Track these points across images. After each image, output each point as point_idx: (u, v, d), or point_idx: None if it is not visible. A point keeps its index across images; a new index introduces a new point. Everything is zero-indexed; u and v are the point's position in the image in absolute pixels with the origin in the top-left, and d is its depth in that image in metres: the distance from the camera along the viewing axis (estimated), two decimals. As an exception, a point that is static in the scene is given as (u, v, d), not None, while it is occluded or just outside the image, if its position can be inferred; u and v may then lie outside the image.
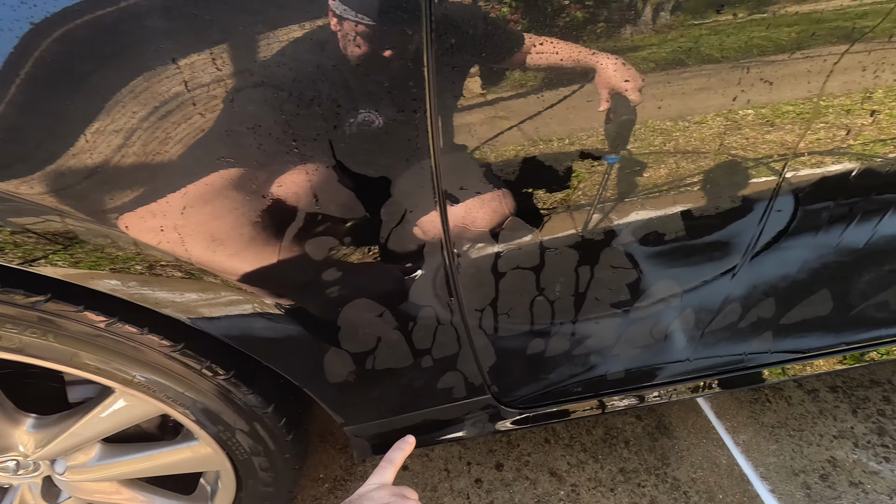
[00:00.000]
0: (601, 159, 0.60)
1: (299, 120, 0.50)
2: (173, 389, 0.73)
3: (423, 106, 0.51)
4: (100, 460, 0.84)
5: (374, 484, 0.61)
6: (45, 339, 0.63)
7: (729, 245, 0.79)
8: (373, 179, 0.55)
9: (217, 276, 0.59)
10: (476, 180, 0.58)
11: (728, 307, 0.87)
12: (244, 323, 0.65)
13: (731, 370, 1.03)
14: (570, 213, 0.64)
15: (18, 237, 0.53)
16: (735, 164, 0.67)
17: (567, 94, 0.55)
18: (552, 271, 0.69)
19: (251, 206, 0.54)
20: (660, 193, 0.67)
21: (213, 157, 0.50)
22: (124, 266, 0.57)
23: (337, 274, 0.62)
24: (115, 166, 0.49)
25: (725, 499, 1.17)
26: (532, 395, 0.95)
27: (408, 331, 0.71)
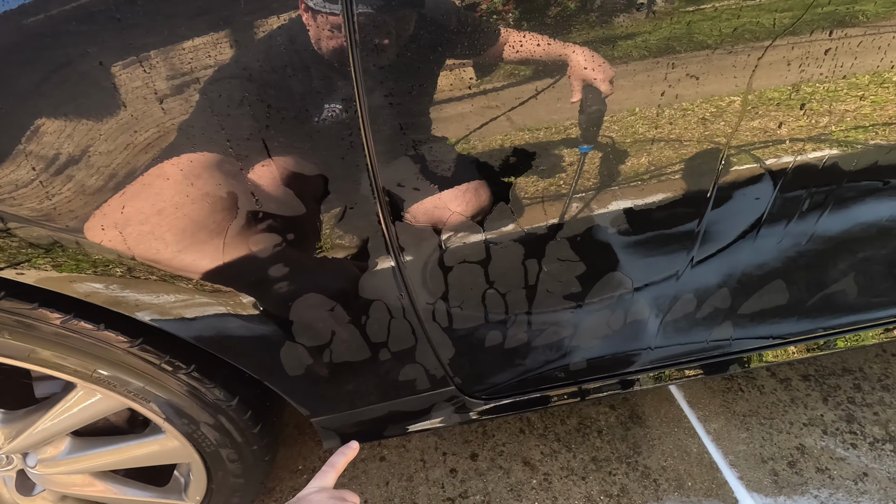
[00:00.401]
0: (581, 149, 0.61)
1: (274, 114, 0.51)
2: (135, 384, 0.75)
3: (353, 105, 0.52)
4: (69, 454, 0.86)
5: (314, 487, 0.61)
6: (0, 335, 0.64)
7: (704, 232, 0.79)
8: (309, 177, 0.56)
9: (164, 275, 0.60)
10: (414, 175, 0.59)
11: (692, 296, 0.88)
12: (196, 321, 0.67)
13: (696, 359, 1.04)
14: (512, 208, 0.65)
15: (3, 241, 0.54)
16: (710, 151, 0.67)
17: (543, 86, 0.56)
18: (498, 265, 0.71)
19: (193, 204, 0.55)
20: (632, 182, 0.67)
21: (150, 156, 0.51)
22: (64, 263, 0.58)
23: (284, 269, 0.63)
24: (51, 170, 0.50)
25: (694, 486, 1.19)
26: (496, 385, 0.97)
27: (361, 325, 0.73)
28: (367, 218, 0.61)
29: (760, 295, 0.91)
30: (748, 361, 1.07)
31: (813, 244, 0.83)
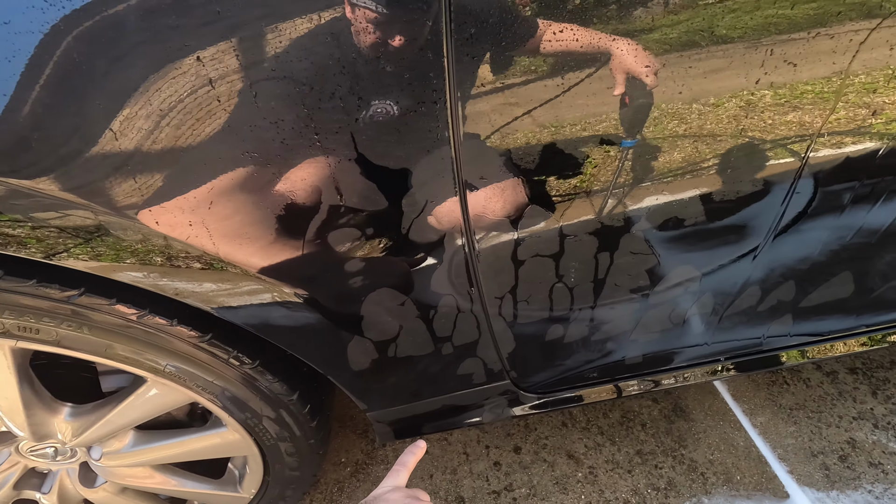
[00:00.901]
0: (618, 144, 0.60)
1: (321, 113, 0.50)
2: (202, 378, 0.75)
3: (442, 96, 0.51)
4: (133, 447, 0.87)
5: (388, 486, 0.61)
6: (81, 331, 0.65)
7: (749, 228, 0.78)
8: (393, 171, 0.56)
9: (241, 268, 0.60)
10: (495, 169, 0.58)
11: (748, 290, 0.86)
12: (269, 313, 0.67)
13: (748, 353, 1.03)
14: (590, 199, 0.64)
15: (40, 232, 0.55)
16: (754, 146, 0.66)
17: (584, 78, 0.55)
18: (571, 258, 0.70)
19: (275, 200, 0.55)
20: (677, 177, 0.67)
21: (237, 151, 0.51)
22: (145, 258, 0.58)
23: (360, 265, 0.63)
24: (139, 163, 0.50)
25: (743, 480, 1.18)
26: (550, 379, 0.96)
27: (429, 319, 0.73)
28: (446, 211, 0.60)
29: (824, 289, 0.89)
30: (803, 355, 1.05)
31: (882, 238, 0.81)
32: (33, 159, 0.48)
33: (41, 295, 0.61)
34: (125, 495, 0.96)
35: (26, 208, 0.52)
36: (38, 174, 0.49)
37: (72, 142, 0.48)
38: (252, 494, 1.01)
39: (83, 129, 0.47)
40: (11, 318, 0.62)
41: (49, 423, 0.79)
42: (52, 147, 0.47)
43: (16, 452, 0.84)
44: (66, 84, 0.44)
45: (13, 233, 0.54)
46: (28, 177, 0.49)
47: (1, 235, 0.54)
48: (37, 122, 0.46)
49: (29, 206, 0.52)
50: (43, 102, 0.45)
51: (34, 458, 0.85)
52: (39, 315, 0.63)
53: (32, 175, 0.49)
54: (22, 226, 0.54)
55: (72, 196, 0.51)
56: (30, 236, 0.55)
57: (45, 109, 0.45)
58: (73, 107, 0.46)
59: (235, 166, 0.51)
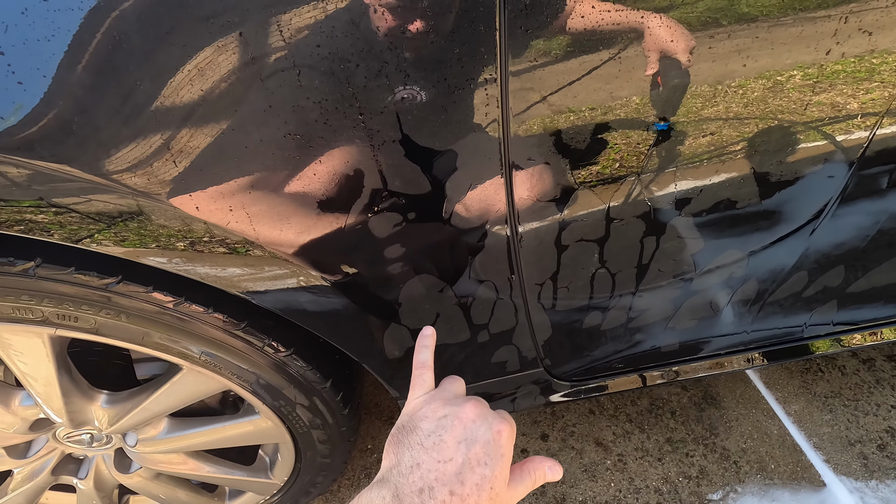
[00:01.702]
0: (657, 126, 0.57)
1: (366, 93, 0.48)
2: (237, 366, 0.74)
3: (493, 72, 0.49)
4: (168, 434, 0.87)
5: (420, 397, 0.53)
6: (118, 319, 0.64)
7: (795, 214, 0.75)
8: (438, 152, 0.54)
9: (282, 254, 0.59)
10: (544, 149, 0.55)
11: (793, 276, 0.83)
12: (307, 301, 0.66)
13: (788, 341, 1.00)
14: (640, 180, 0.61)
15: (63, 217, 0.53)
16: (806, 126, 0.63)
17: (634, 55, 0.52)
18: (616, 242, 0.67)
19: (317, 183, 0.53)
20: (719, 160, 0.63)
21: (279, 133, 0.49)
22: (169, 243, 0.57)
23: (400, 250, 0.61)
24: (179, 145, 0.48)
25: (777, 468, 1.15)
26: (584, 367, 0.94)
27: (467, 306, 0.71)
28: (490, 194, 0.58)
29: (873, 273, 0.86)
30: (843, 343, 1.02)
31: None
32: (75, 143, 0.46)
33: (79, 283, 0.60)
34: (159, 480, 0.97)
35: (55, 192, 0.51)
36: (78, 158, 0.47)
37: (113, 124, 0.46)
38: (283, 481, 1.01)
39: (125, 111, 0.46)
40: (50, 306, 0.61)
41: (86, 410, 0.79)
42: (92, 130, 0.46)
43: (53, 439, 0.85)
44: (107, 64, 0.43)
45: (37, 219, 0.53)
46: (67, 161, 0.47)
47: (25, 222, 0.53)
48: (78, 104, 0.44)
49: (59, 191, 0.50)
50: (84, 83, 0.43)
51: (71, 445, 0.86)
52: (78, 303, 0.62)
53: (72, 159, 0.47)
54: (45, 211, 0.52)
55: (107, 180, 0.49)
56: (53, 222, 0.54)
57: (87, 91, 0.44)
58: (114, 87, 0.44)
59: (277, 148, 0.50)
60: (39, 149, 0.46)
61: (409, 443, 0.47)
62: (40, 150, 0.46)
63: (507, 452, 0.47)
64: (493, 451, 0.46)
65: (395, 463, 0.46)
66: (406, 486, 0.43)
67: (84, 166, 0.48)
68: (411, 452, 0.46)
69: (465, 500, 0.43)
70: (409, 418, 0.50)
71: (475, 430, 0.47)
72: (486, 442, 0.46)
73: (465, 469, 0.44)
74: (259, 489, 1.03)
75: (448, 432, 0.47)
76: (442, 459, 0.45)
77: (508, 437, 0.48)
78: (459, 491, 0.43)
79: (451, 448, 0.45)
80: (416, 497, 0.43)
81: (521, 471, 0.50)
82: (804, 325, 0.95)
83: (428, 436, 0.47)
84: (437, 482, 0.43)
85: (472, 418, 0.48)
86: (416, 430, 0.48)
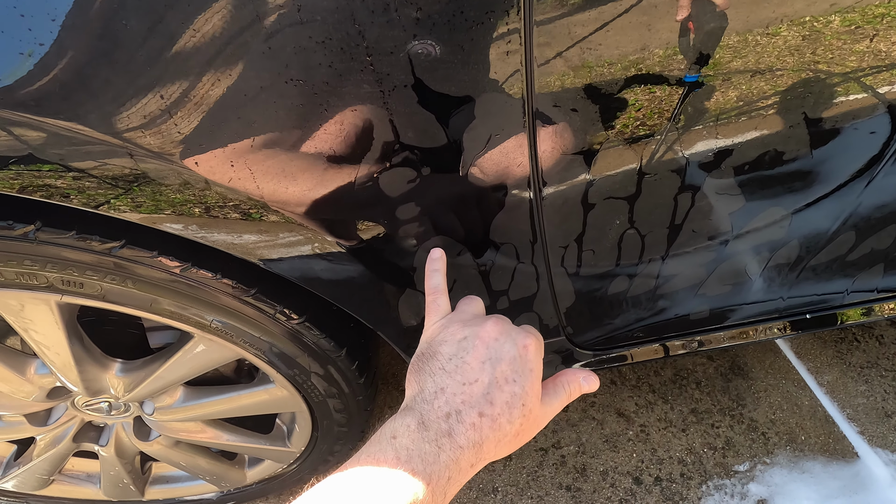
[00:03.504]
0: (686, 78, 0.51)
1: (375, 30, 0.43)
2: (249, 334, 0.72)
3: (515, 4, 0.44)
4: (184, 402, 0.87)
5: (436, 322, 0.50)
6: (125, 285, 0.62)
7: (843, 168, 0.69)
8: (454, 99, 0.49)
9: (290, 216, 0.55)
10: (572, 96, 0.50)
11: (838, 238, 0.77)
12: (317, 265, 0.62)
13: (824, 309, 0.94)
14: (677, 131, 0.55)
15: (81, 182, 0.51)
16: (858, 73, 0.56)
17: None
18: (647, 200, 0.62)
19: (322, 135, 0.49)
20: (763, 111, 0.57)
21: (280, 79, 0.45)
22: (184, 209, 0.54)
23: (414, 210, 0.57)
24: (181, 100, 0.44)
25: (808, 440, 1.11)
26: (608, 335, 0.90)
27: (486, 271, 0.67)
28: (512, 146, 0.53)
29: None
30: (883, 312, 0.96)
31: None
32: (79, 99, 0.43)
33: (81, 247, 0.58)
34: (178, 448, 0.97)
35: (68, 156, 0.48)
36: (88, 115, 0.44)
37: (116, 80, 0.43)
38: (301, 449, 1.01)
39: (125, 65, 0.42)
40: (54, 271, 0.59)
41: (101, 378, 0.78)
42: (96, 87, 0.42)
43: (72, 407, 0.85)
44: (110, 24, 0.39)
45: (55, 183, 0.50)
46: (73, 119, 0.44)
47: (46, 187, 0.50)
48: (83, 60, 0.41)
49: (76, 154, 0.48)
50: (88, 41, 0.39)
51: (90, 413, 0.86)
52: (82, 268, 0.60)
53: (78, 117, 0.44)
54: (64, 176, 0.50)
55: (114, 139, 0.46)
56: (71, 187, 0.51)
57: (91, 49, 0.40)
58: (117, 43, 0.40)
59: (279, 96, 0.45)
60: (49, 105, 0.43)
61: (431, 369, 0.44)
62: (50, 106, 0.43)
63: (537, 367, 0.45)
64: (520, 367, 0.44)
65: (419, 390, 0.44)
66: (431, 413, 0.41)
67: (94, 124, 0.45)
68: (434, 378, 0.43)
69: (495, 420, 0.41)
70: (427, 345, 0.48)
71: (499, 347, 0.45)
72: (512, 358, 0.44)
73: (493, 388, 0.42)
74: (277, 457, 1.03)
75: (470, 353, 0.44)
76: (467, 381, 0.42)
77: (536, 350, 0.46)
78: (489, 411, 0.41)
79: (475, 369, 0.43)
80: (443, 422, 0.40)
81: (553, 384, 0.48)
82: (845, 291, 0.89)
83: (450, 359, 0.44)
84: (465, 405, 0.41)
85: (494, 336, 0.45)
86: (436, 355, 0.45)
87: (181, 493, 1.09)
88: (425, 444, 0.39)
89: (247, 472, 1.07)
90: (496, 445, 0.41)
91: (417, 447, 0.39)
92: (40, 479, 0.98)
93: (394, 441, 0.39)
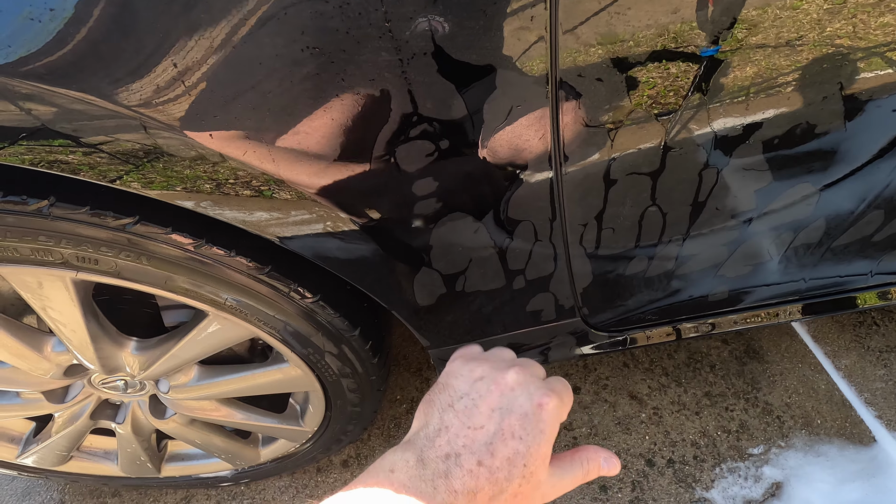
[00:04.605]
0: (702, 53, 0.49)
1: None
2: (264, 312, 0.72)
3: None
4: (198, 381, 0.87)
5: (461, 356, 0.49)
6: (139, 262, 0.62)
7: (872, 144, 0.66)
8: (476, 68, 0.47)
9: (303, 193, 0.54)
10: (598, 65, 0.48)
11: (866, 217, 0.75)
12: (334, 243, 0.62)
13: (846, 291, 0.92)
14: (706, 101, 0.53)
15: (92, 158, 0.50)
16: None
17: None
18: (672, 176, 0.60)
19: (338, 106, 0.47)
20: (792, 84, 0.55)
21: (295, 47, 0.43)
22: (195, 185, 0.53)
23: (432, 185, 0.55)
24: (194, 69, 0.43)
25: (824, 424, 1.10)
26: (623, 317, 0.89)
27: (503, 249, 0.66)
28: (534, 119, 0.51)
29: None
30: None
31: None
32: (91, 68, 0.42)
33: (96, 223, 0.58)
34: (194, 426, 0.98)
35: (79, 130, 0.47)
36: (94, 85, 0.43)
37: (129, 47, 0.41)
38: (314, 429, 1.01)
39: (139, 33, 0.41)
40: (69, 247, 0.59)
41: (116, 356, 0.79)
42: (108, 55, 0.41)
43: (89, 385, 0.86)
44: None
45: (67, 159, 0.50)
46: (85, 90, 0.43)
47: (57, 163, 0.49)
48: (95, 27, 0.39)
49: (87, 129, 0.47)
50: (101, 6, 0.38)
51: (106, 391, 0.87)
52: (97, 244, 0.59)
53: (90, 87, 0.43)
54: (75, 152, 0.49)
55: (127, 110, 0.45)
56: (83, 163, 0.50)
57: (104, 15, 0.39)
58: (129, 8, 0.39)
59: (294, 64, 0.44)
60: (61, 74, 0.42)
61: (440, 403, 0.43)
62: (62, 75, 0.42)
63: (549, 430, 0.42)
64: (530, 426, 0.41)
65: (423, 424, 0.42)
66: (432, 451, 0.39)
67: (107, 95, 0.44)
68: (441, 414, 0.42)
69: (493, 474, 0.39)
70: (444, 376, 0.46)
71: (513, 398, 0.42)
72: (523, 414, 0.41)
73: (497, 439, 0.40)
74: (291, 436, 1.04)
75: (483, 398, 0.42)
76: (472, 426, 0.41)
77: (553, 412, 0.42)
78: (488, 462, 0.39)
79: (483, 415, 0.41)
80: (441, 462, 0.39)
81: (571, 459, 0.45)
82: (870, 272, 0.87)
83: (461, 398, 0.43)
84: (465, 449, 0.39)
85: (511, 386, 0.43)
86: (447, 388, 0.44)
87: (196, 471, 1.10)
88: (422, 483, 0.37)
89: (261, 451, 1.08)
90: (490, 500, 0.39)
91: (414, 484, 0.37)
92: (59, 456, 1.00)
93: (391, 475, 0.38)
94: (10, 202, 0.54)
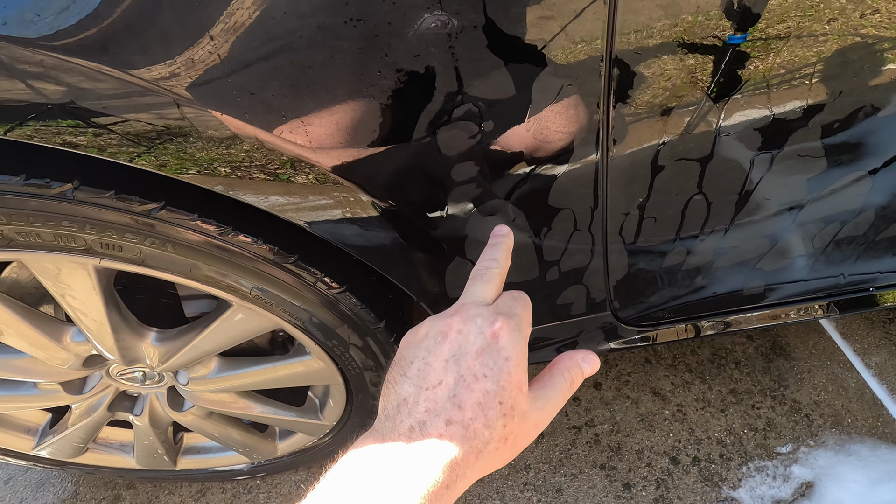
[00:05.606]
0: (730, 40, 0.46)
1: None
2: (289, 303, 0.70)
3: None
4: (218, 373, 0.85)
5: (474, 299, 0.41)
6: (164, 249, 0.59)
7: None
8: (526, 45, 0.44)
9: (339, 173, 0.52)
10: (658, 43, 0.45)
11: None
12: (361, 232, 0.59)
13: (885, 287, 0.89)
14: (766, 81, 0.50)
15: (102, 139, 0.48)
16: None
17: None
18: (721, 162, 0.57)
19: (378, 86, 0.45)
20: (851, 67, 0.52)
21: (338, 19, 0.41)
22: (209, 168, 0.51)
23: (472, 170, 0.53)
24: (229, 43, 0.41)
25: (855, 422, 1.07)
26: (654, 311, 0.86)
27: (539, 239, 0.63)
28: (584, 100, 0.48)
29: None
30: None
31: None
32: (121, 41, 0.39)
33: (120, 208, 0.55)
34: (211, 419, 0.96)
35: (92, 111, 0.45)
36: (124, 59, 0.41)
37: (161, 21, 0.39)
38: (333, 423, 0.99)
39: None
40: (93, 233, 0.57)
41: (136, 347, 0.77)
42: (138, 28, 0.39)
43: (107, 376, 0.84)
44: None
45: (76, 140, 0.47)
46: (114, 64, 0.41)
47: (66, 144, 0.47)
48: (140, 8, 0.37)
49: (97, 109, 0.45)
50: None
51: (124, 382, 0.85)
52: (121, 231, 0.57)
53: (120, 61, 0.41)
54: (84, 133, 0.47)
55: (156, 86, 0.43)
56: (92, 144, 0.48)
57: None
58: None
59: (336, 38, 0.41)
60: (89, 48, 0.39)
61: (393, 378, 0.37)
62: (89, 48, 0.39)
63: (515, 354, 0.36)
64: (491, 360, 0.36)
65: (382, 406, 0.37)
66: (393, 431, 0.34)
67: (123, 65, 0.41)
68: (396, 388, 0.37)
69: (468, 427, 0.34)
70: (396, 355, 0.40)
71: (463, 340, 0.37)
72: (479, 350, 0.36)
73: (460, 389, 0.35)
74: (309, 430, 1.02)
75: (433, 353, 0.37)
76: (429, 386, 0.35)
77: (512, 334, 0.37)
78: (458, 417, 0.34)
79: (438, 370, 0.36)
80: (404, 439, 0.33)
81: (550, 375, 0.40)
82: None
83: (411, 363, 0.37)
84: (428, 413, 0.34)
85: (458, 329, 0.38)
86: (398, 362, 0.38)
87: (213, 464, 1.09)
88: (387, 475, 0.32)
89: (278, 445, 1.06)
90: (478, 457, 0.34)
91: (378, 481, 0.32)
92: (76, 447, 0.98)
93: (351, 476, 0.33)
94: (32, 185, 0.52)
